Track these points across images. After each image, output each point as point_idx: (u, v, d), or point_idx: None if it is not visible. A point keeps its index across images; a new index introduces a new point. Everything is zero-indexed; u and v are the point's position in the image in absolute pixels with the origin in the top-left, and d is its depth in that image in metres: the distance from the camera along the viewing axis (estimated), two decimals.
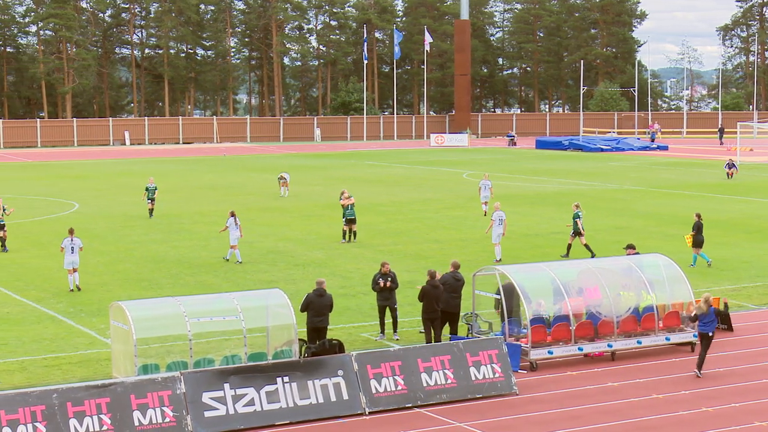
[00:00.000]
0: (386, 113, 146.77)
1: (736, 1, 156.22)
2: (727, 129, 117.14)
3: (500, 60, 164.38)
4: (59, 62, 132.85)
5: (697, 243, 37.87)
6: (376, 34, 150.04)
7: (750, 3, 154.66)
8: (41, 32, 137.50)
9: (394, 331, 27.65)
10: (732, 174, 72.78)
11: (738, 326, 28.68)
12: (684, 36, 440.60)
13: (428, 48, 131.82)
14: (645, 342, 26.13)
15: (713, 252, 40.51)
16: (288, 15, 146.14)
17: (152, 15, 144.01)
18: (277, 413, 21.18)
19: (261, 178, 74.12)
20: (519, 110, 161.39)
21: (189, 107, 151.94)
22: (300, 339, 23.95)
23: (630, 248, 31.11)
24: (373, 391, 21.93)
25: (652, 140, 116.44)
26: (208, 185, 69.80)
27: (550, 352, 25.04)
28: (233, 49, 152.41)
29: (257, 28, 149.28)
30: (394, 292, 27.67)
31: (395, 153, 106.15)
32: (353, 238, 44.04)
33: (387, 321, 27.76)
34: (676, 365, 25.25)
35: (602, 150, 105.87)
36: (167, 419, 20.36)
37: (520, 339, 25.30)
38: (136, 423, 20.10)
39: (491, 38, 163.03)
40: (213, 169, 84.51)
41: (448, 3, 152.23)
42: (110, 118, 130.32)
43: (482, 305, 27.56)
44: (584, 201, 58.55)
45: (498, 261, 38.32)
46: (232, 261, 39.23)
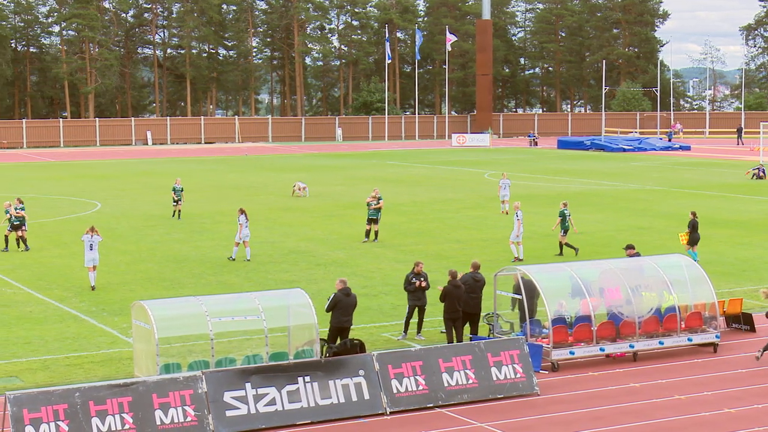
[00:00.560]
0: (408, 113, 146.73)
1: (760, 1, 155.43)
2: (750, 129, 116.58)
3: (522, 60, 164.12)
4: (82, 62, 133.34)
5: (693, 241, 38.38)
6: (398, 34, 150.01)
7: None
8: (64, 32, 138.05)
9: (418, 332, 27.61)
10: (758, 175, 72.72)
11: (760, 327, 28.55)
12: (707, 36, 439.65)
13: (450, 48, 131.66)
14: (667, 343, 26.05)
15: (735, 253, 40.35)
16: (309, 15, 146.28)
17: (174, 15, 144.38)
18: (298, 413, 21.20)
19: (282, 178, 74.19)
20: (541, 110, 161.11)
21: (211, 107, 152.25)
22: (321, 339, 23.96)
23: (629, 248, 30.87)
24: (394, 391, 21.93)
25: (669, 140, 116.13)
26: (230, 185, 69.93)
27: (572, 353, 24.99)
28: (255, 49, 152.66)
29: (279, 28, 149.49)
30: (425, 293, 27.66)
31: (416, 153, 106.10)
32: (375, 238, 44.05)
33: (411, 321, 27.76)
34: (699, 366, 25.16)
35: (624, 150, 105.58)
36: (189, 418, 20.40)
37: (542, 339, 25.26)
38: (158, 422, 20.14)
39: (513, 38, 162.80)
40: (235, 169, 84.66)
41: (470, 3, 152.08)
42: (132, 118, 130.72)
43: (504, 305, 27.52)
44: (606, 201, 58.57)
45: (517, 260, 38.32)
46: (251, 259, 39.51)
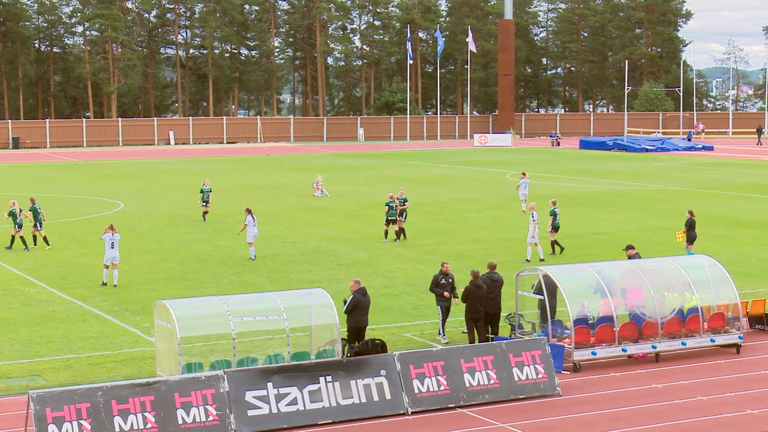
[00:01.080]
0: (429, 113, 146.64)
1: None
2: None
3: (544, 60, 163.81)
4: (105, 62, 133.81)
5: (690, 239, 38.64)
6: (420, 34, 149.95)
7: None
8: (87, 33, 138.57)
9: (443, 331, 27.52)
10: None
11: None
12: (730, 35, 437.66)
13: (474, 49, 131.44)
14: (689, 343, 25.96)
15: (759, 253, 40.18)
16: (332, 15, 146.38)
17: (197, 15, 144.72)
18: (320, 412, 21.22)
19: (304, 178, 74.25)
20: (563, 110, 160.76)
21: (233, 107, 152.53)
22: (342, 338, 23.98)
23: (629, 248, 30.66)
24: (416, 391, 21.93)
25: (689, 139, 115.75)
26: (252, 185, 70.05)
27: (594, 353, 24.93)
28: (277, 49, 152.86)
29: (301, 28, 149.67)
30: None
31: (438, 153, 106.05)
32: (402, 238, 44.02)
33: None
34: (721, 367, 25.07)
35: (647, 150, 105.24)
36: (211, 418, 20.45)
37: (563, 340, 25.21)
38: (180, 421, 20.19)
39: (535, 38, 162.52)
40: (257, 169, 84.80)
41: (492, 3, 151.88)
42: (155, 118, 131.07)
43: (525, 306, 27.48)
44: (628, 201, 58.39)
45: (527, 261, 38.29)
46: (255, 258, 39.78)
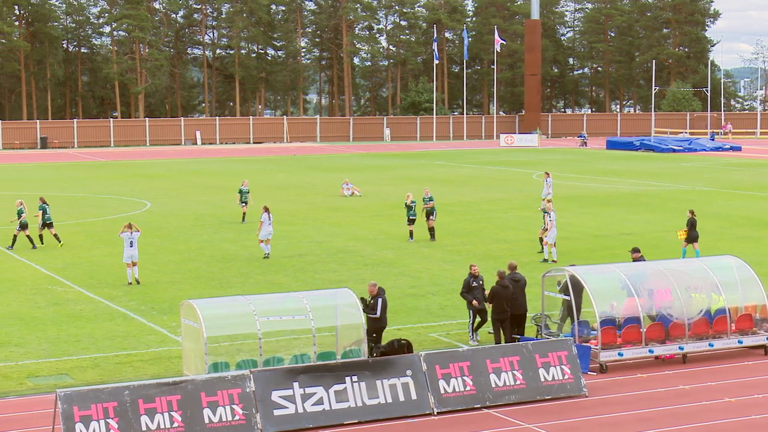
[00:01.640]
0: (456, 113, 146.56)
1: None
2: None
3: (571, 60, 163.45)
4: (132, 62, 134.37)
5: (692, 238, 39.03)
6: (446, 34, 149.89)
7: None
8: (115, 33, 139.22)
9: (473, 333, 27.43)
10: None
11: None
12: (758, 35, 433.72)
13: (499, 49, 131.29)
14: (717, 345, 25.83)
15: None
16: (358, 15, 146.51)
17: (224, 15, 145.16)
18: (346, 412, 21.23)
19: (331, 178, 74.34)
20: (589, 110, 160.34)
21: (259, 107, 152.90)
22: (369, 339, 23.97)
23: (635, 251, 30.28)
24: (442, 392, 21.91)
25: (712, 139, 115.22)
26: (279, 185, 70.16)
27: (620, 354, 24.84)
28: (303, 49, 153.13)
29: (327, 29, 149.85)
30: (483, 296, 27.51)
31: (464, 153, 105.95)
32: (430, 238, 44.05)
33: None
34: (749, 368, 24.94)
35: (674, 151, 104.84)
36: (237, 417, 20.49)
37: (590, 340, 25.13)
38: (206, 420, 20.24)
39: (562, 38, 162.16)
40: (283, 169, 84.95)
41: (519, 3, 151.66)
42: (182, 118, 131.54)
43: (552, 306, 27.41)
44: (655, 202, 58.17)
45: (553, 261, 38.22)
46: (269, 256, 39.92)
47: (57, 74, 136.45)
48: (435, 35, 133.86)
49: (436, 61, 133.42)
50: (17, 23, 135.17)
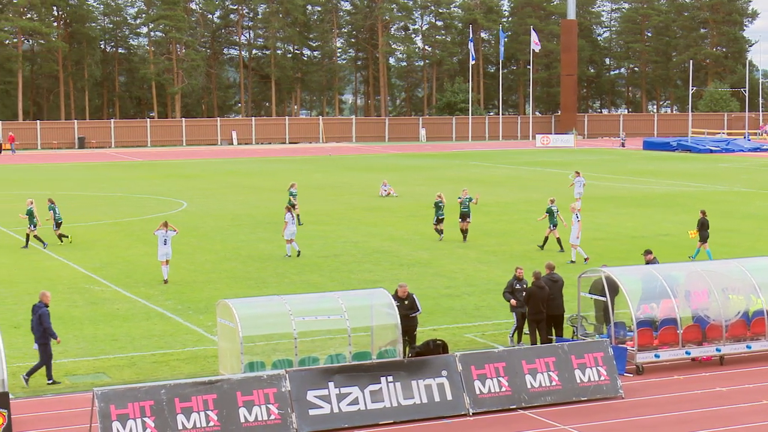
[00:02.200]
0: (491, 113, 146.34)
1: None
2: None
3: (607, 60, 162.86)
4: (169, 63, 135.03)
5: (702, 238, 39.27)
6: (482, 34, 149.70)
7: None
8: (152, 33, 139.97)
9: (512, 337, 27.29)
10: None
11: None
12: None
13: (537, 49, 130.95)
14: (755, 347, 25.63)
15: None
16: (394, 15, 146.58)
17: (260, 16, 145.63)
18: (381, 412, 21.23)
19: (366, 178, 74.40)
20: (626, 111, 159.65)
21: (295, 107, 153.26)
22: (404, 339, 23.95)
23: (648, 253, 29.89)
24: (477, 392, 21.87)
25: (748, 140, 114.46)
26: (314, 185, 70.26)
27: (657, 356, 24.71)
28: (339, 50, 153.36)
29: (363, 29, 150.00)
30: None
31: (500, 153, 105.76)
32: (463, 239, 44.01)
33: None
34: None
35: (711, 151, 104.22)
36: (272, 417, 20.53)
37: (626, 342, 25.02)
38: (242, 420, 20.29)
39: (598, 38, 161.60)
40: (319, 169, 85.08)
41: (555, 3, 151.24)
42: (218, 118, 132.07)
43: (588, 307, 27.29)
44: (692, 203, 57.80)
45: (571, 262, 38.05)
46: (293, 254, 40.20)
47: (95, 75, 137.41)
48: (471, 35, 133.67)
49: (472, 62, 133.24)
50: (56, 24, 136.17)
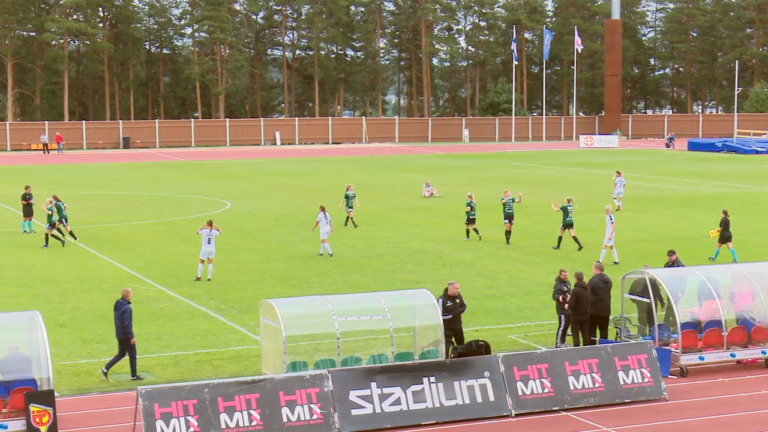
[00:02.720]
0: (535, 114, 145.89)
1: None
2: None
3: (652, 60, 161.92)
4: (213, 63, 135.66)
5: (725, 238, 39.24)
6: (526, 35, 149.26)
7: None
8: (196, 34, 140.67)
9: (560, 339, 27.16)
10: None
11: None
12: None
13: (580, 48, 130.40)
14: None
15: None
16: (437, 16, 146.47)
17: (303, 17, 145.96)
18: (423, 413, 21.23)
19: (409, 179, 74.40)
20: (671, 111, 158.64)
21: (338, 107, 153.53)
22: (447, 339, 23.95)
23: (671, 254, 29.62)
24: (520, 393, 21.83)
25: None
26: (357, 185, 70.08)
27: (701, 358, 24.56)
28: (382, 50, 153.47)
29: (406, 29, 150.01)
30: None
31: (543, 154, 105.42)
32: (506, 241, 43.83)
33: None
34: None
35: (757, 152, 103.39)
36: (315, 416, 20.58)
37: (670, 344, 24.88)
38: (285, 419, 20.36)
39: (643, 38, 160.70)
40: (362, 169, 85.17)
41: (599, 3, 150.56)
42: (261, 119, 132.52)
43: (631, 309, 27.15)
44: (738, 204, 57.37)
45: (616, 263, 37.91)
46: (325, 254, 40.47)
47: (140, 75, 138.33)
48: (514, 36, 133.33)
49: (516, 62, 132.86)
50: (101, 25, 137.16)
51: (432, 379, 21.52)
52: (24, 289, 34.68)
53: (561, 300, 26.33)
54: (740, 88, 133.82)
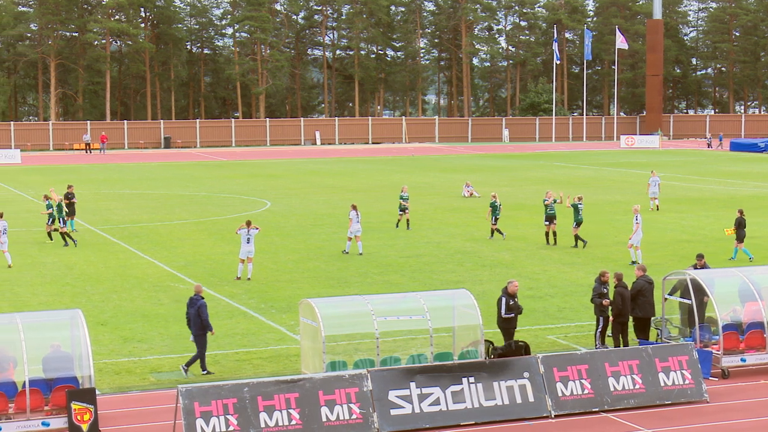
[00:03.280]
0: (575, 114, 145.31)
1: None
2: None
3: (694, 60, 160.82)
4: (254, 64, 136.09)
5: (739, 237, 39.27)
6: (566, 35, 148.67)
7: None
8: (237, 34, 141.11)
9: (598, 340, 27.00)
10: None
11: None
12: None
13: (625, 47, 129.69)
14: None
15: None
16: (477, 16, 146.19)
17: (344, 17, 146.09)
18: (463, 413, 21.21)
19: (449, 179, 74.33)
20: (713, 111, 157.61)
21: (378, 108, 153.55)
22: (486, 340, 23.92)
23: (699, 258, 28.91)
24: (559, 394, 21.76)
25: None
26: (397, 185, 70.20)
27: (743, 360, 24.39)
28: (422, 50, 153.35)
29: (447, 29, 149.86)
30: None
31: (584, 154, 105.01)
32: (553, 242, 43.53)
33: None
34: None
35: None
36: (354, 416, 20.61)
37: (711, 345, 24.71)
38: (324, 419, 20.40)
39: (685, 38, 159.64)
40: (401, 169, 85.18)
41: (641, 2, 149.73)
42: (302, 119, 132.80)
43: (672, 310, 26.99)
44: None
45: (633, 263, 37.65)
46: (354, 253, 40.61)
47: (181, 75, 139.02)
48: (555, 35, 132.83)
49: (557, 62, 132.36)
50: (143, 25, 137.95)
51: (471, 380, 21.50)
52: (66, 288, 34.96)
53: (604, 304, 26.14)
54: None
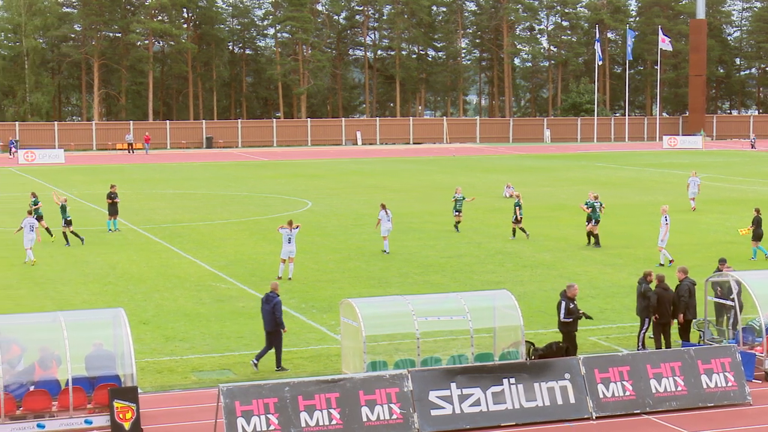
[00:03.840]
0: (617, 114, 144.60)
1: None
2: None
3: (738, 60, 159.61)
4: (295, 64, 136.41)
5: (756, 236, 39.26)
6: (609, 35, 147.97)
7: None
8: (279, 35, 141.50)
9: (641, 342, 26.81)
10: None
11: None
12: None
13: (670, 48, 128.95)
14: None
15: None
16: (519, 16, 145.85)
17: (385, 17, 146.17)
18: (503, 414, 21.17)
19: (489, 179, 74.20)
20: (756, 112, 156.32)
21: (419, 108, 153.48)
22: (527, 341, 23.87)
23: (722, 262, 28.68)
24: (601, 396, 21.68)
25: None
26: (438, 185, 70.29)
27: None
28: (464, 50, 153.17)
29: (488, 29, 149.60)
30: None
31: (626, 155, 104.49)
32: (594, 244, 43.25)
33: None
34: None
35: None
36: (394, 416, 20.62)
37: (755, 347, 24.53)
38: (364, 419, 20.42)
39: (728, 38, 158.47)
40: (442, 170, 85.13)
41: (684, 2, 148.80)
42: (343, 119, 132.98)
43: (710, 312, 26.80)
44: None
45: (661, 265, 37.39)
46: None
47: (223, 75, 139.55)
48: (597, 35, 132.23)
49: (599, 62, 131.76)
50: (185, 26, 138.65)
51: (512, 381, 21.46)
52: (108, 287, 35.21)
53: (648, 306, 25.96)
54: None
